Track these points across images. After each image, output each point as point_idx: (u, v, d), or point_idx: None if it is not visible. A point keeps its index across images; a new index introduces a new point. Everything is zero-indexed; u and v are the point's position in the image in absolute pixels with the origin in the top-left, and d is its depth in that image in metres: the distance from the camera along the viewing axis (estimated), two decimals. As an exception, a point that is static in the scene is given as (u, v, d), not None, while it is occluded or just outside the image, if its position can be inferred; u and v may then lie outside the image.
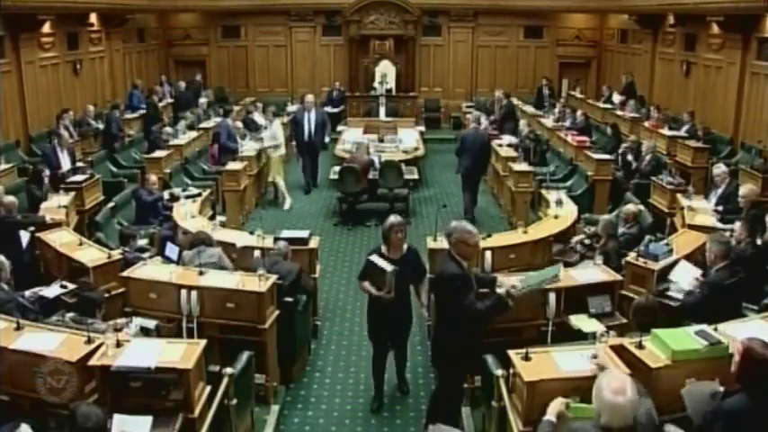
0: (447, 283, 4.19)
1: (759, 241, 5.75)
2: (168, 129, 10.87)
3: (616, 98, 14.02)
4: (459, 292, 4.09)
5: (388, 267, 4.62)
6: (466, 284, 4.14)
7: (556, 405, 3.17)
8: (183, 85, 14.56)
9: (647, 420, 2.86)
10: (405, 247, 4.90)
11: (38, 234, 6.22)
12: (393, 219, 4.84)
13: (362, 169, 9.50)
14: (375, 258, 4.75)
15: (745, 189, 6.76)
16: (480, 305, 4.12)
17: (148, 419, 3.43)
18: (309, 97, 11.03)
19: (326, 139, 11.19)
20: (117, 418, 3.30)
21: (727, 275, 4.85)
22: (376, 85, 15.00)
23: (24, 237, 6.38)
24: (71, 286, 5.18)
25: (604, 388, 2.70)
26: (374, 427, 4.99)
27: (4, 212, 6.38)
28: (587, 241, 6.89)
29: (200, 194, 8.02)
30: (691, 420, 3.21)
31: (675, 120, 11.89)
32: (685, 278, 5.22)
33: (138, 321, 4.70)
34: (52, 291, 5.19)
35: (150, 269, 5.32)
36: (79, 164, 8.82)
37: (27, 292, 5.12)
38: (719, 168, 7.76)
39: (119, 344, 3.74)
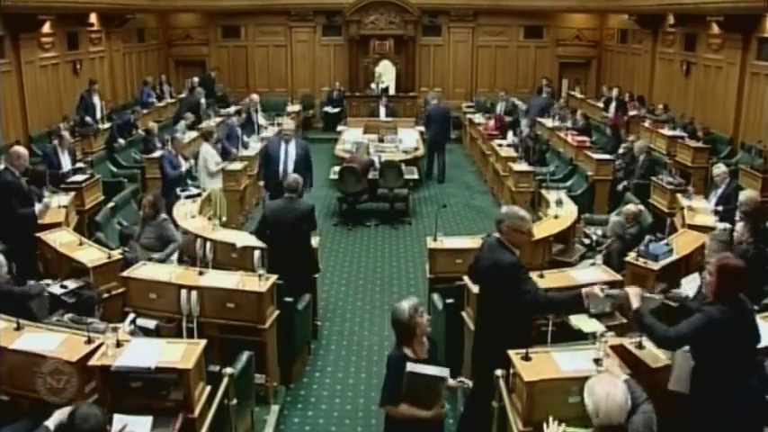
0: (507, 273, 3.90)
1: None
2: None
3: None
4: (520, 281, 3.87)
5: (444, 372, 3.38)
6: (526, 273, 3.97)
7: None
8: (196, 80, 14.58)
9: (644, 429, 2.83)
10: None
11: (38, 234, 6.21)
12: (408, 303, 3.46)
13: (362, 169, 9.51)
14: (419, 368, 3.33)
15: (745, 195, 6.68)
16: (551, 295, 4.00)
17: (148, 419, 3.43)
18: (288, 124, 8.34)
19: (309, 187, 7.97)
20: (117, 418, 3.30)
21: None
22: (372, 85, 15.00)
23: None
24: (71, 286, 5.17)
25: (595, 385, 2.78)
26: (374, 427, 4.98)
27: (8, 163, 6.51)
28: (586, 241, 6.90)
29: (200, 194, 8.02)
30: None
31: (673, 120, 11.91)
32: (692, 287, 5.22)
33: (133, 317, 4.72)
34: (53, 291, 5.18)
35: (150, 269, 5.31)
36: (79, 163, 8.82)
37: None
38: (719, 168, 7.75)
39: (119, 344, 3.74)
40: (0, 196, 6.27)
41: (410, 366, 3.30)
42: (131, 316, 4.79)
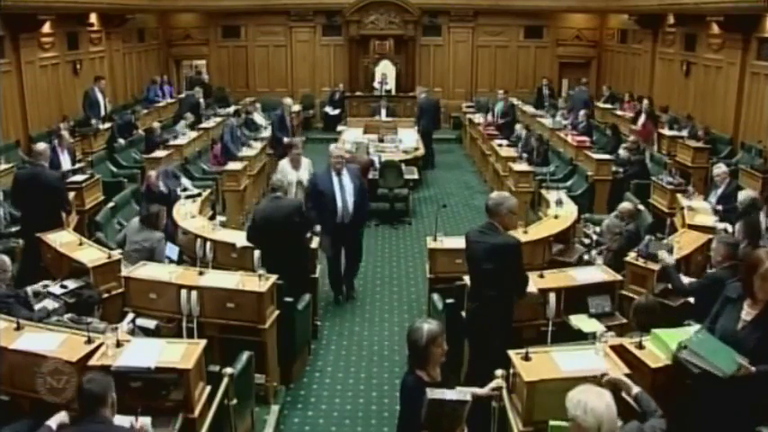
0: (514, 252, 4.31)
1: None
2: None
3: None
4: (521, 261, 4.27)
5: (467, 396, 3.14)
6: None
7: None
8: (206, 78, 14.60)
9: None
10: None
11: (38, 234, 6.22)
12: (427, 327, 3.19)
13: (362, 169, 9.48)
14: (440, 393, 3.05)
15: (743, 195, 6.65)
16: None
17: (148, 420, 3.42)
18: (338, 150, 6.99)
19: (366, 221, 7.37)
20: (117, 418, 3.30)
21: (730, 275, 4.82)
22: (376, 85, 15.01)
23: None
24: (71, 286, 5.17)
25: (588, 401, 2.58)
26: (374, 428, 4.98)
27: (42, 161, 6.70)
28: (586, 241, 6.90)
29: (200, 194, 8.03)
30: None
31: (677, 120, 11.91)
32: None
33: (132, 317, 4.72)
34: (53, 291, 5.18)
35: (150, 269, 5.31)
36: (79, 163, 8.83)
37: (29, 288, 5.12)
38: (719, 168, 7.75)
39: (119, 344, 3.74)
40: (45, 189, 6.42)
41: (430, 393, 3.00)
42: (130, 316, 4.79)
